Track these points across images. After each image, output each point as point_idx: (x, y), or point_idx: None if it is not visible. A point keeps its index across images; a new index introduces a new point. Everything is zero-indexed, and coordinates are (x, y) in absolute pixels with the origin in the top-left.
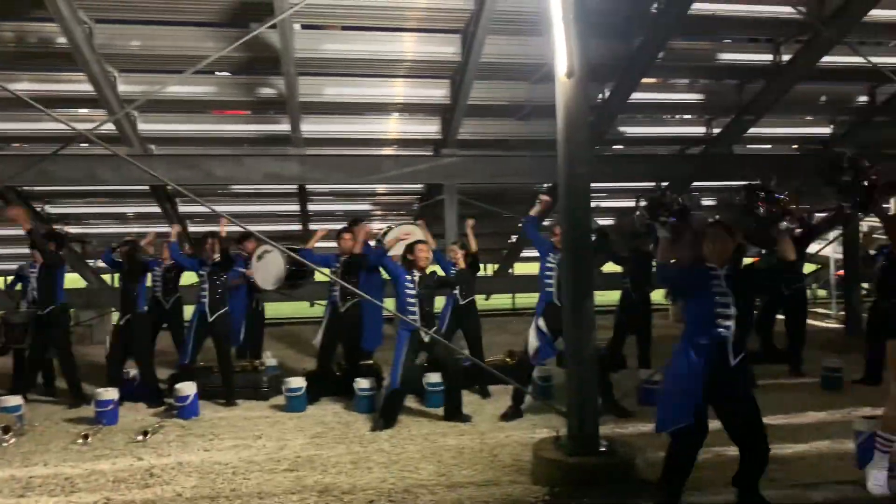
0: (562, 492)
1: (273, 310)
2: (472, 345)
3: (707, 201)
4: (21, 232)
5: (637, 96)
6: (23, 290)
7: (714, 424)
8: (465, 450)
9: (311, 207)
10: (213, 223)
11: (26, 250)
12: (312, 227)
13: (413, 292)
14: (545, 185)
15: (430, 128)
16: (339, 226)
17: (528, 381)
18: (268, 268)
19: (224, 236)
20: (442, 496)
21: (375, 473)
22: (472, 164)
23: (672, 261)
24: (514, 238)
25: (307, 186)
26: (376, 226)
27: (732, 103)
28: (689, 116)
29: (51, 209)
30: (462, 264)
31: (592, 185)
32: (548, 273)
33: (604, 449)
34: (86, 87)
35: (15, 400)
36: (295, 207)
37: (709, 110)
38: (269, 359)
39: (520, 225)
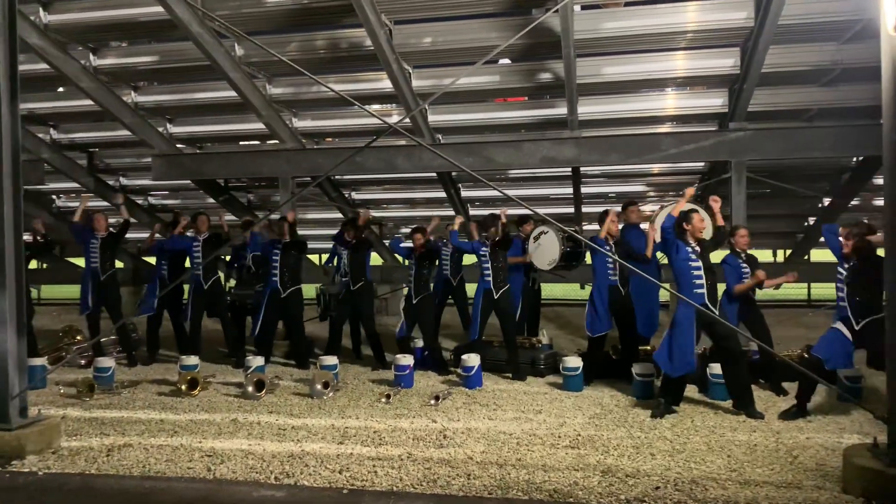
0: None
1: (545, 290)
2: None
3: None
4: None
5: None
6: (336, 266)
7: None
8: (758, 447)
9: (584, 190)
10: (492, 207)
11: (333, 231)
12: (585, 209)
13: (697, 264)
14: (855, 158)
15: (714, 101)
16: (614, 207)
17: (828, 379)
18: (544, 248)
19: (504, 221)
20: (734, 491)
21: (659, 460)
22: (764, 138)
23: None
24: (811, 220)
25: (581, 169)
26: (650, 207)
27: None
28: None
29: (356, 195)
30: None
31: None
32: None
33: None
34: (383, 85)
35: (332, 360)
36: (568, 190)
37: None
38: (544, 337)
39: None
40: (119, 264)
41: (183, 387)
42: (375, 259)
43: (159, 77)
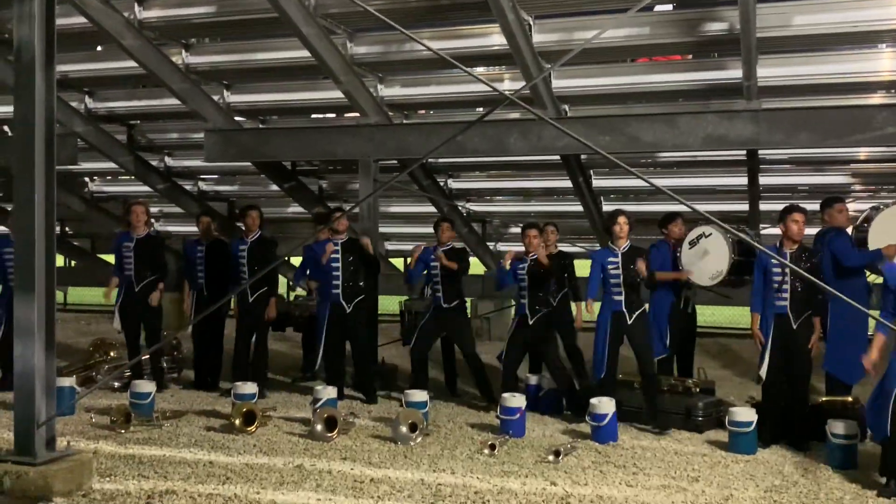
0: None
1: (706, 315)
2: None
3: None
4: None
5: None
6: (426, 278)
7: None
8: None
9: (764, 180)
10: (634, 202)
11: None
12: (764, 206)
13: None
14: None
15: None
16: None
17: None
18: (704, 257)
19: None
20: None
21: None
22: None
23: None
24: None
25: (760, 152)
26: (856, 207)
27: None
28: None
29: (454, 184)
30: None
31: None
32: None
33: None
34: (493, 42)
35: (421, 395)
36: (741, 180)
37: None
38: (703, 378)
39: None
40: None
41: (237, 421)
42: (476, 267)
43: (216, 33)
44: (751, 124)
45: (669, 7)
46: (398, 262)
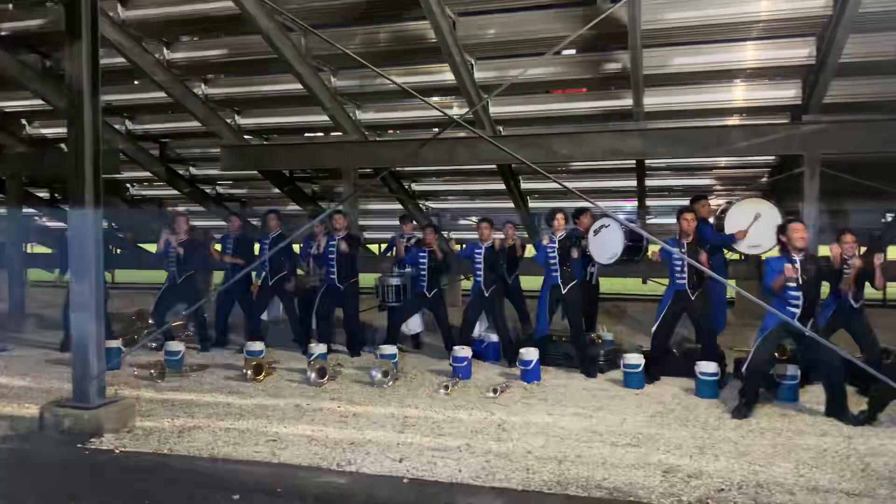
0: None
1: (606, 285)
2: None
3: None
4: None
5: None
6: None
7: None
8: (828, 452)
9: (649, 182)
10: (553, 200)
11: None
12: (650, 202)
13: (794, 275)
14: None
15: (786, 92)
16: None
17: None
18: (604, 243)
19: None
20: (802, 498)
21: (722, 462)
22: (840, 131)
23: None
24: (889, 216)
25: (646, 161)
26: (717, 202)
27: None
28: None
29: (416, 186)
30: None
31: None
32: None
33: None
34: (445, 77)
35: (391, 349)
36: (632, 183)
37: None
38: (605, 333)
39: None
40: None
41: (248, 372)
42: None
43: (228, 70)
44: (640, 140)
45: (574, 51)
46: (374, 248)
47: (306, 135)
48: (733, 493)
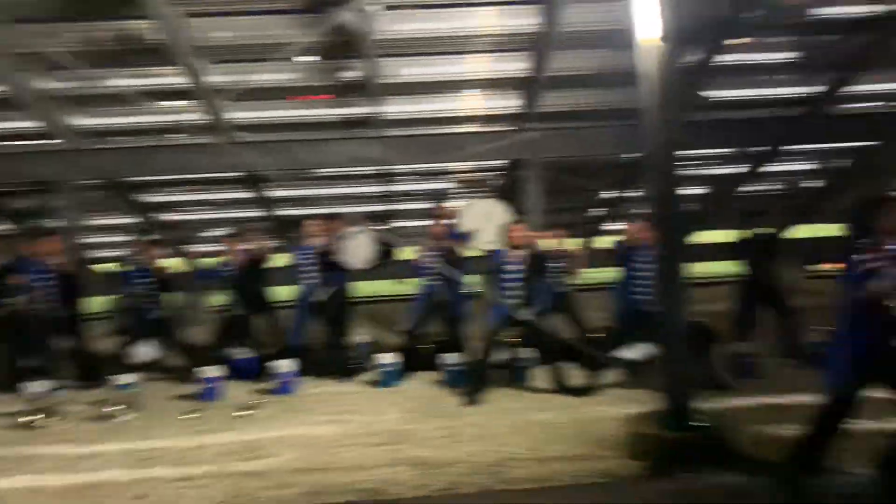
0: (659, 466)
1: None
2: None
3: None
4: None
5: (728, 57)
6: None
7: None
8: (555, 424)
9: (395, 188)
10: (302, 206)
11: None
12: (397, 206)
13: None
14: (628, 155)
15: (512, 102)
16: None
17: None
18: (355, 248)
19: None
20: (534, 470)
21: (467, 447)
22: (556, 137)
23: None
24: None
25: (390, 167)
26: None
27: (833, 60)
28: (785, 76)
29: (151, 198)
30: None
31: (682, 152)
32: None
33: (702, 424)
34: (177, 80)
35: (129, 378)
36: (379, 188)
37: (808, 69)
38: (361, 336)
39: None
40: None
41: None
42: None
43: None
44: (381, 147)
45: (317, 58)
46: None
47: (6, 143)
48: (476, 475)
